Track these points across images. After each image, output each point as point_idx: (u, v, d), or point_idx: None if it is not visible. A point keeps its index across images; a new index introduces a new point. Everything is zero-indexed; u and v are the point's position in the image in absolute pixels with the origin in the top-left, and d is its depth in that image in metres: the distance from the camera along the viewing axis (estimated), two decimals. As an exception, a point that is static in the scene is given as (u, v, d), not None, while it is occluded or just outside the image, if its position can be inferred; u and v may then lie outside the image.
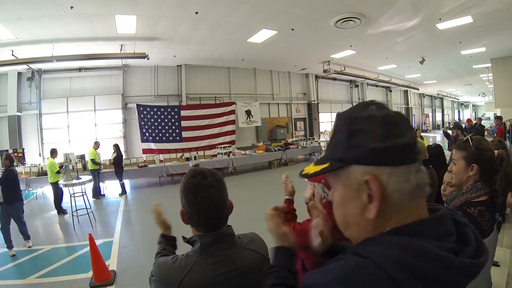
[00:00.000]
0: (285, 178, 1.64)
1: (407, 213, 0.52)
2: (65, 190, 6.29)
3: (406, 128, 0.53)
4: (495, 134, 8.94)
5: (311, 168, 0.61)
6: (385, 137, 0.50)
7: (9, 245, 4.37)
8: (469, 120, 12.54)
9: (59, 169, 6.44)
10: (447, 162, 2.45)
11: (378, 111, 0.54)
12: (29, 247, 4.58)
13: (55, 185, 6.37)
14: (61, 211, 6.42)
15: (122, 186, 8.17)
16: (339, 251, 0.64)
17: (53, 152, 6.64)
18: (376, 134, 0.50)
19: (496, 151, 1.42)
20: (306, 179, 0.68)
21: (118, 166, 8.11)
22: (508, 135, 9.48)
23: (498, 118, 10.01)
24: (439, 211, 0.56)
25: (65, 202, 6.55)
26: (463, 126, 8.56)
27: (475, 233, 0.55)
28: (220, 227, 1.03)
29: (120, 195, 8.01)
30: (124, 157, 8.77)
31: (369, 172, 0.51)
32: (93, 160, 7.75)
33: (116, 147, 8.26)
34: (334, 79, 16.13)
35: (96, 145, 8.05)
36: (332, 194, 0.60)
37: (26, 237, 4.64)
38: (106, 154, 8.85)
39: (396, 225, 0.52)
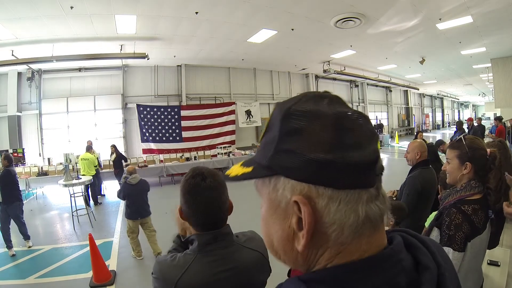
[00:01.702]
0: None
1: (347, 250, 0.37)
2: (65, 190, 6.30)
3: (366, 137, 0.38)
4: (494, 135, 8.94)
5: (235, 169, 0.47)
6: (331, 146, 0.35)
7: (9, 245, 4.37)
8: (470, 119, 12.57)
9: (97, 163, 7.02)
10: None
11: (330, 106, 0.39)
12: (29, 247, 4.58)
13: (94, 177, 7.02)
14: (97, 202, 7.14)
15: None
16: None
17: (90, 148, 7.28)
18: (320, 140, 0.36)
19: (488, 150, 1.45)
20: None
21: (118, 167, 8.01)
22: (508, 135, 9.48)
23: (497, 119, 10.01)
24: (386, 249, 0.39)
25: (65, 202, 6.55)
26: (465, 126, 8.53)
27: (440, 283, 0.38)
28: (218, 226, 1.03)
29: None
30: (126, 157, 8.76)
31: (301, 191, 0.37)
32: (95, 166, 7.51)
33: (114, 147, 8.19)
34: (334, 79, 16.12)
35: (90, 149, 7.61)
36: (261, 205, 0.45)
37: (26, 237, 4.64)
38: (106, 154, 8.84)
39: (324, 264, 0.39)
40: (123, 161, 8.19)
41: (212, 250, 1.00)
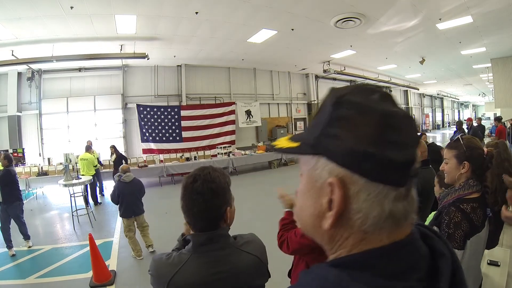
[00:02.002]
0: (280, 195, 1.67)
1: (369, 239, 0.40)
2: (65, 190, 6.30)
3: (409, 138, 0.39)
4: (494, 135, 8.95)
5: (282, 142, 0.50)
6: (374, 141, 0.37)
7: (9, 245, 4.37)
8: (469, 119, 12.57)
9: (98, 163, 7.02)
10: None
11: (380, 103, 0.40)
12: (29, 247, 4.58)
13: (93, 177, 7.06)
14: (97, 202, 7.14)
15: None
16: None
17: (89, 148, 7.25)
18: (365, 133, 0.38)
19: (485, 149, 1.48)
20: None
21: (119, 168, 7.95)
22: (508, 135, 9.48)
23: (497, 119, 10.02)
24: (405, 237, 0.42)
25: (65, 202, 6.55)
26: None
27: (455, 268, 0.42)
28: (211, 229, 1.02)
29: None
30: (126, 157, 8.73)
31: (338, 174, 0.40)
32: (95, 166, 7.45)
33: (114, 148, 8.16)
34: (334, 79, 16.10)
35: (90, 148, 7.52)
36: (300, 181, 0.49)
37: (26, 237, 4.64)
38: (106, 154, 8.84)
39: (347, 252, 0.41)
40: (123, 161, 8.10)
41: (206, 251, 1.00)
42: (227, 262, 1.01)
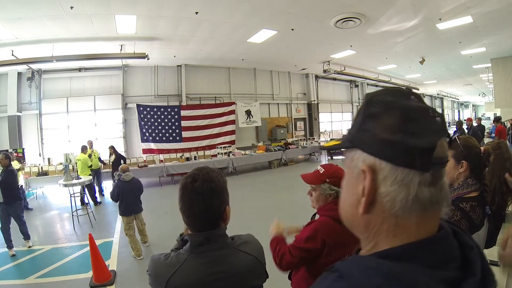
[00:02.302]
0: (275, 225, 1.63)
1: (402, 225, 0.45)
2: (65, 190, 6.30)
3: (428, 129, 0.44)
4: (494, 135, 8.96)
5: (331, 142, 0.62)
6: (396, 131, 0.43)
7: (9, 245, 4.37)
8: (469, 119, 12.55)
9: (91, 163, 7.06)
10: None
11: (402, 100, 0.47)
12: (29, 247, 4.58)
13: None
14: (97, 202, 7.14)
15: None
16: None
17: (84, 148, 7.24)
18: (389, 124, 0.44)
19: (482, 148, 1.50)
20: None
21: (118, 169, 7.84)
22: (508, 136, 9.48)
23: (496, 120, 10.02)
24: (441, 230, 0.46)
25: (65, 202, 6.55)
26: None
27: (482, 259, 0.46)
28: (211, 229, 1.01)
29: None
30: (126, 157, 8.68)
31: (369, 162, 0.46)
32: (90, 166, 7.35)
33: (113, 148, 8.08)
34: (334, 79, 16.12)
35: (85, 149, 7.50)
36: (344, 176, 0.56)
37: (26, 236, 4.64)
38: (106, 155, 8.83)
39: (391, 245, 0.45)
40: (122, 161, 8.04)
41: (204, 251, 1.00)
42: (225, 262, 1.01)
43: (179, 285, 0.95)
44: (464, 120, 13.54)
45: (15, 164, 6.41)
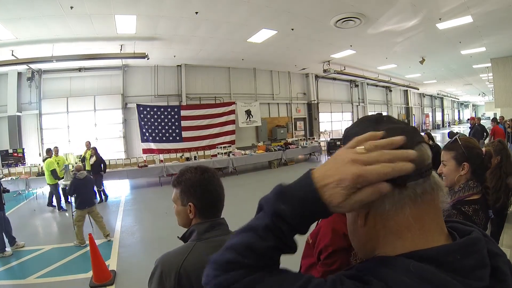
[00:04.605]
0: None
1: (402, 225, 0.45)
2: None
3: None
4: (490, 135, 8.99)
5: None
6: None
7: (2, 249, 4.29)
8: (472, 118, 12.57)
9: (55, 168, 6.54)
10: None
11: (376, 125, 0.50)
12: (21, 246, 4.54)
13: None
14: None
15: (103, 193, 7.49)
16: None
17: (49, 151, 6.84)
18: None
19: (483, 149, 1.46)
20: None
21: (97, 173, 7.22)
22: (508, 136, 9.48)
23: (493, 120, 10.03)
24: (472, 233, 0.45)
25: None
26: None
27: (511, 267, 0.45)
28: (215, 217, 1.15)
29: (99, 202, 7.15)
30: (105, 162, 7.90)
31: None
32: (53, 171, 6.48)
33: (95, 150, 7.50)
34: (334, 79, 16.12)
35: (49, 151, 6.94)
36: None
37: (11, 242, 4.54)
38: (107, 155, 8.83)
39: (412, 248, 0.44)
40: (102, 165, 7.46)
41: (210, 237, 1.08)
42: None
43: (191, 270, 1.00)
44: (467, 120, 13.55)
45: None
